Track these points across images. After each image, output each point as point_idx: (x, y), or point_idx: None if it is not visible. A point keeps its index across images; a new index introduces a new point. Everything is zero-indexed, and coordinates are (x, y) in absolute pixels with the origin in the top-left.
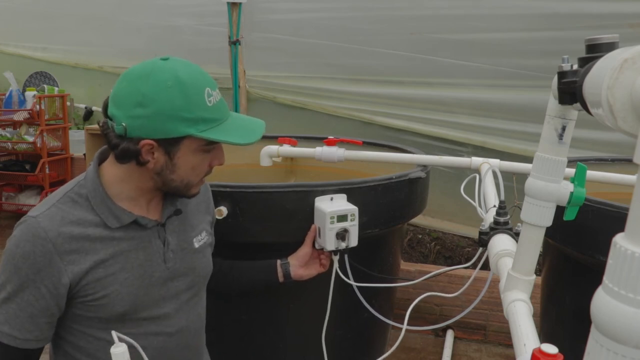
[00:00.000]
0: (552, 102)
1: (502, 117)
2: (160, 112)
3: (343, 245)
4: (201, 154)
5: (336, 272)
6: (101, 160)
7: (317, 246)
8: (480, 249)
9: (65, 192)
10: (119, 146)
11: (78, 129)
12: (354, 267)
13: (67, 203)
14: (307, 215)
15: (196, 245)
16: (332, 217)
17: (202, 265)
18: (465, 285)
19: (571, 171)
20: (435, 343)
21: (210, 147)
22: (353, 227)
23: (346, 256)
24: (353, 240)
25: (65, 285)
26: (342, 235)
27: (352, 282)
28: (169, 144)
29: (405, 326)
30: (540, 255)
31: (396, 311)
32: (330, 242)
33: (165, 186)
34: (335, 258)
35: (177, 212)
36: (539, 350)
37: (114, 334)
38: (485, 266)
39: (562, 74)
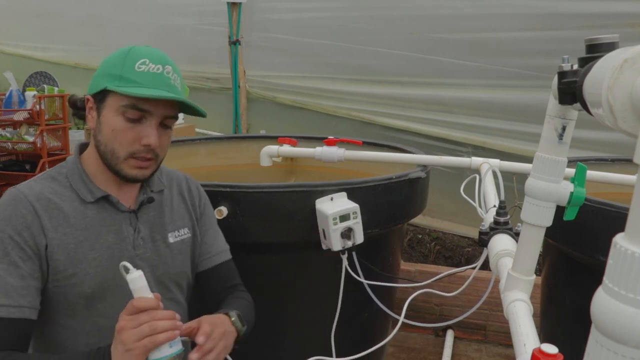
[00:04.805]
0: (552, 102)
1: (502, 117)
2: (99, 71)
3: (349, 243)
4: (122, 119)
5: (346, 270)
6: (82, 150)
7: (323, 247)
8: (485, 249)
9: (47, 172)
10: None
11: (78, 128)
12: (355, 267)
13: (47, 179)
14: (307, 215)
15: (171, 240)
16: (334, 219)
17: (174, 263)
18: (464, 286)
19: (571, 171)
20: (435, 343)
21: (130, 112)
22: (357, 224)
23: (354, 254)
24: (359, 238)
25: (43, 246)
26: (346, 234)
27: (362, 279)
28: (98, 100)
29: (402, 319)
30: (540, 255)
31: (396, 311)
32: (335, 243)
33: (99, 152)
34: (344, 257)
35: (149, 199)
36: (539, 350)
37: (124, 263)
38: (485, 266)
39: (562, 74)
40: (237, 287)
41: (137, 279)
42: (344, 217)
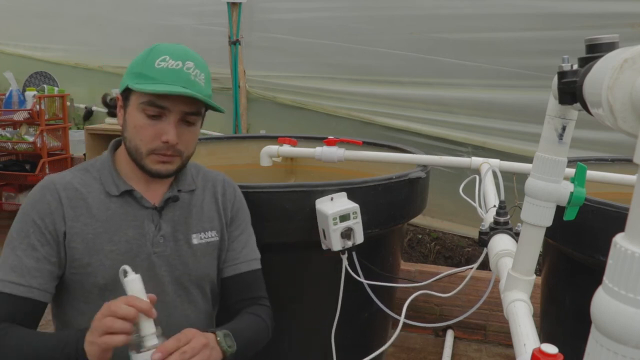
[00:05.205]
0: (552, 102)
1: (502, 117)
2: (126, 70)
3: (349, 243)
4: (143, 115)
5: (346, 270)
6: (117, 147)
7: (323, 247)
8: (485, 249)
9: (83, 163)
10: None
11: (78, 129)
12: (355, 267)
13: (80, 170)
14: (307, 215)
15: (195, 241)
16: (334, 219)
17: (196, 265)
18: (461, 286)
19: (571, 171)
20: (435, 343)
21: (148, 109)
22: (357, 224)
23: (354, 254)
24: (359, 238)
25: (62, 234)
26: (347, 234)
27: (362, 279)
28: (125, 98)
29: (402, 319)
30: (540, 255)
31: (395, 311)
32: (335, 243)
33: (126, 148)
34: (344, 257)
35: (174, 198)
36: (539, 350)
37: (124, 266)
38: (485, 266)
39: (562, 74)
40: (257, 301)
41: (133, 281)
42: (344, 217)
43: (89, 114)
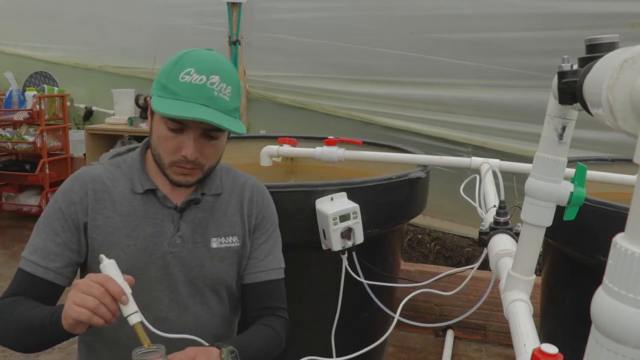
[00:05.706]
0: (552, 102)
1: (502, 117)
2: (157, 74)
3: (349, 243)
4: (165, 127)
5: (346, 270)
6: (148, 147)
7: (323, 247)
8: (485, 249)
9: (117, 158)
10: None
11: (78, 128)
12: (355, 267)
13: (112, 165)
14: (307, 215)
15: (214, 245)
16: (334, 219)
17: (213, 268)
18: (462, 285)
19: (571, 171)
20: (435, 343)
21: (169, 123)
22: (357, 224)
23: (354, 254)
24: (359, 238)
25: (83, 224)
26: (346, 234)
27: (362, 279)
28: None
29: (397, 317)
30: (540, 255)
31: (395, 312)
32: (335, 243)
33: (152, 153)
34: (344, 257)
35: (195, 200)
36: (539, 350)
37: (101, 255)
38: (485, 266)
39: (562, 74)
40: (275, 311)
41: (107, 267)
42: (344, 217)
43: (89, 114)
